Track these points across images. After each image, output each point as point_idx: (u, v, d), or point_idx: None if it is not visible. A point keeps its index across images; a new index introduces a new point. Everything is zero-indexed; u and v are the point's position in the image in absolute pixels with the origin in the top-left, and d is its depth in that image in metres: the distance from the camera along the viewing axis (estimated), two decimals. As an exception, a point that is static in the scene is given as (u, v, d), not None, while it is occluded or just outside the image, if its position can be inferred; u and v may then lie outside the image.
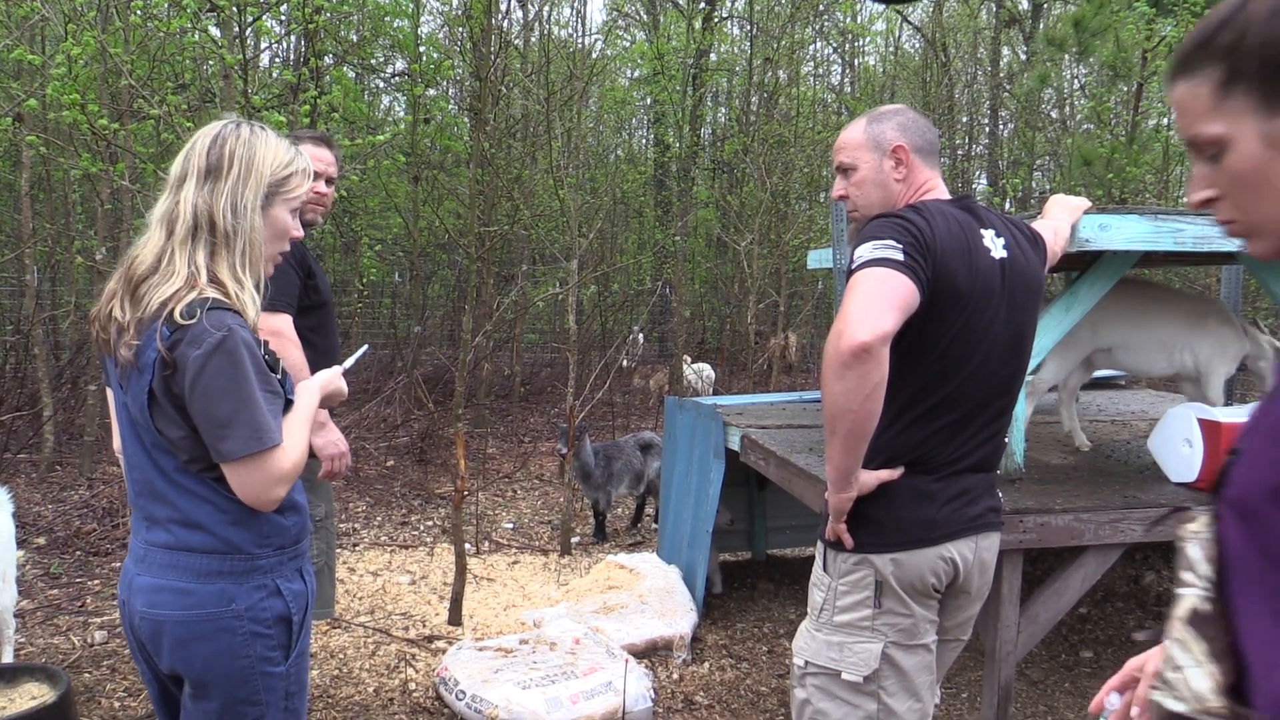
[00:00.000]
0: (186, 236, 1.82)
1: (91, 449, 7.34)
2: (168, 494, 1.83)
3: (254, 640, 1.85)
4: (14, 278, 9.84)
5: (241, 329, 1.77)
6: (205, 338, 1.72)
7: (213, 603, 1.82)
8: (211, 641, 1.82)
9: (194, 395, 1.74)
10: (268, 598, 1.87)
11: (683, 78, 13.75)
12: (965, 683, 4.19)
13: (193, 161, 1.86)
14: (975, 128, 17.67)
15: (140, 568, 1.87)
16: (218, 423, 1.74)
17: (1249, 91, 1.01)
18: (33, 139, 6.86)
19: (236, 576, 1.84)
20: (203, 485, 1.82)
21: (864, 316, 1.83)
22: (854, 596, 2.11)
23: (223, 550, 1.83)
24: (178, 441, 1.79)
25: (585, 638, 4.07)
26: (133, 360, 1.78)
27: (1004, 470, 3.52)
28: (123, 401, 1.86)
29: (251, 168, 1.86)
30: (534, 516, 7.02)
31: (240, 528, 1.84)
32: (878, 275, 1.89)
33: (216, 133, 1.88)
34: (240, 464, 1.77)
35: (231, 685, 1.86)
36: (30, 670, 3.62)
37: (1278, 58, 0.98)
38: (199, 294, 1.77)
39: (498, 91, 9.20)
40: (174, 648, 1.83)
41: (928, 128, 2.20)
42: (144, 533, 1.88)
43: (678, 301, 11.62)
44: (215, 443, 1.76)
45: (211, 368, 1.72)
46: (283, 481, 1.82)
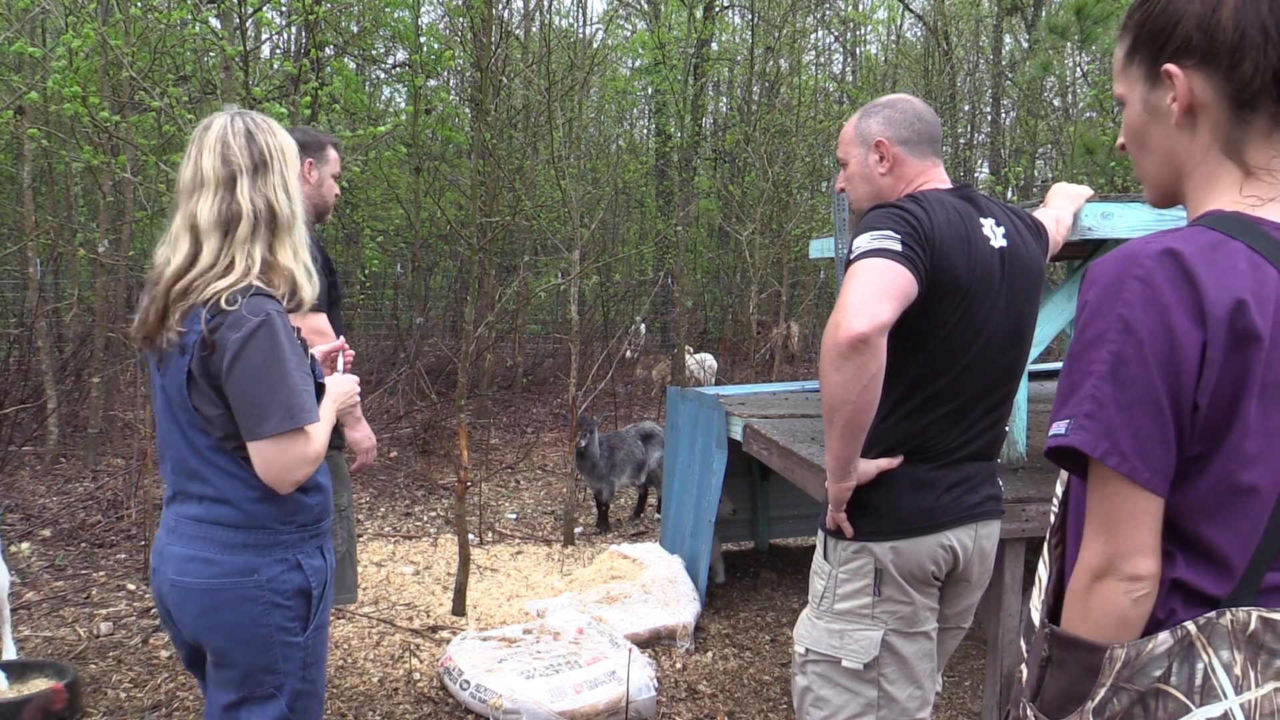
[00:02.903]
0: (249, 233, 1.91)
1: (95, 441, 7.36)
2: (200, 470, 1.94)
3: (274, 610, 1.96)
4: (17, 271, 9.86)
5: (280, 315, 1.88)
6: (245, 322, 1.83)
7: (236, 572, 1.93)
8: (234, 610, 1.93)
9: (232, 375, 1.84)
10: (289, 571, 1.98)
11: (684, 67, 13.72)
12: (967, 671, 4.20)
13: (237, 161, 1.92)
14: (977, 116, 17.62)
15: (171, 538, 1.98)
16: (253, 401, 1.84)
17: (1141, 63, 1.22)
18: (34, 132, 6.85)
19: (260, 549, 1.95)
20: (233, 463, 1.93)
21: (861, 307, 1.83)
22: (854, 584, 2.12)
23: (248, 524, 1.94)
24: (213, 419, 1.90)
25: (589, 627, 4.09)
26: (175, 344, 1.89)
27: (1006, 459, 3.53)
28: (160, 384, 1.97)
29: (286, 154, 1.98)
30: (537, 507, 7.03)
31: (266, 504, 1.95)
32: (875, 266, 1.89)
33: (243, 128, 1.94)
34: (271, 442, 1.86)
35: (252, 653, 1.96)
36: (39, 666, 3.65)
37: (1160, 39, 1.18)
38: (245, 283, 1.88)
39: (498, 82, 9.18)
40: (198, 615, 1.94)
41: (918, 118, 2.19)
42: (176, 506, 2.00)
43: (679, 291, 11.62)
44: (249, 422, 1.86)
45: (250, 349, 1.83)
46: (306, 464, 1.92)
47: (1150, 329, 1.08)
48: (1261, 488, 1.10)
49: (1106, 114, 11.46)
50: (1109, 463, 1.10)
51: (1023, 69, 15.23)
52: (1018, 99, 16.05)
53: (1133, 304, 1.09)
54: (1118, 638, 1.13)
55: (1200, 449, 1.10)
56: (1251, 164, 1.16)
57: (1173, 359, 1.07)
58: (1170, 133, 1.20)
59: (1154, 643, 1.10)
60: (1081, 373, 1.13)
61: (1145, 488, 1.10)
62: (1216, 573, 1.13)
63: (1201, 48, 1.15)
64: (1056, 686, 1.18)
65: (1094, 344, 1.12)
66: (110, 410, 8.04)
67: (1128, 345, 1.09)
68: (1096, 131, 10.32)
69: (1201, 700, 1.08)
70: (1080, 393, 1.12)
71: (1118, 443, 1.09)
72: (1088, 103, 13.63)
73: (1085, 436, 1.11)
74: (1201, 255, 1.09)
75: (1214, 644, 1.09)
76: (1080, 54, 13.28)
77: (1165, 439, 1.09)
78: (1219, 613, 1.10)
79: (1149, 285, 1.09)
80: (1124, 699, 1.11)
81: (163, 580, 1.99)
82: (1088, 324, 1.13)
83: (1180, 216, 3.17)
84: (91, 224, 9.32)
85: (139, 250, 10.40)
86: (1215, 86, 1.15)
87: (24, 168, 7.69)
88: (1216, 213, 1.16)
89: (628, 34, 16.53)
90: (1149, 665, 1.10)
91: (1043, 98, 15.45)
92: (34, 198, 7.98)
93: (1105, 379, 1.10)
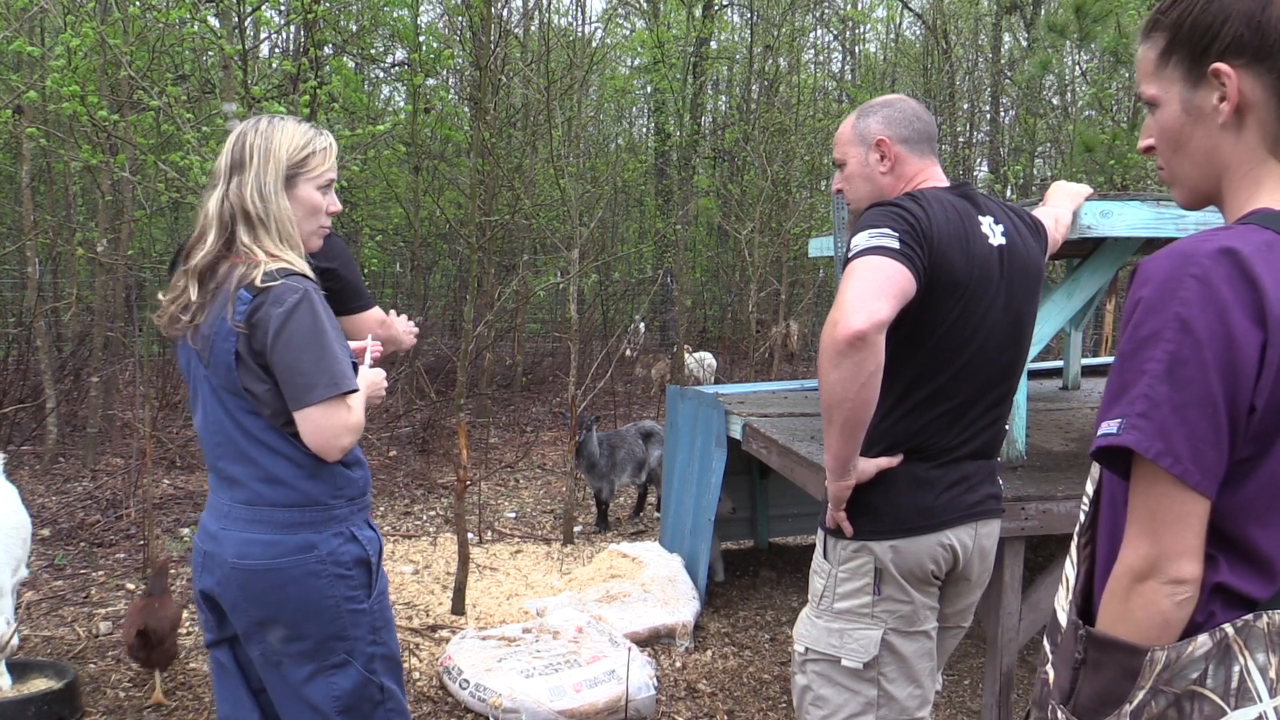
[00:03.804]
0: (228, 223, 2.01)
1: (94, 441, 7.35)
2: (250, 452, 2.01)
3: (338, 582, 2.05)
4: (16, 270, 9.85)
5: (316, 291, 1.99)
6: (287, 296, 1.93)
7: (297, 550, 2.02)
8: (300, 585, 2.02)
9: (277, 348, 1.93)
10: (345, 543, 2.07)
11: (683, 66, 13.71)
12: (967, 669, 4.20)
13: (222, 160, 2.05)
14: (976, 115, 17.62)
15: (225, 523, 2.05)
16: (299, 371, 1.94)
17: (1180, 63, 1.19)
18: (33, 131, 6.84)
19: (316, 526, 2.04)
20: (284, 442, 2.01)
21: (859, 304, 1.83)
22: (854, 583, 2.12)
23: (302, 503, 2.03)
24: (261, 395, 1.98)
25: (588, 626, 4.09)
26: (212, 330, 1.97)
27: (1006, 457, 3.53)
28: (203, 374, 2.03)
29: (269, 155, 2.02)
30: (536, 506, 7.03)
31: (316, 481, 2.04)
32: (873, 264, 1.89)
33: (240, 130, 2.06)
34: (318, 408, 1.95)
35: (321, 623, 2.04)
36: (39, 666, 3.65)
37: (1203, 40, 1.15)
38: (275, 265, 1.98)
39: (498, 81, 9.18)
40: (265, 593, 2.02)
41: (916, 117, 2.19)
42: (226, 492, 2.07)
43: (679, 290, 11.62)
44: (297, 391, 1.95)
45: (293, 323, 1.92)
46: (351, 431, 2.02)
47: (1209, 329, 1.05)
48: None
49: (1105, 112, 11.46)
50: (1162, 464, 1.07)
51: (1022, 67, 15.23)
52: (1017, 97, 16.05)
53: (1190, 303, 1.06)
54: (1158, 640, 1.11)
55: (1251, 451, 1.08)
56: None
57: (1231, 360, 1.05)
58: (1214, 133, 1.18)
59: (1194, 645, 1.09)
60: (1135, 371, 1.10)
61: (1196, 490, 1.07)
62: (1260, 576, 1.11)
63: (1252, 46, 1.12)
64: (1092, 689, 1.16)
65: (1149, 342, 1.09)
66: (109, 410, 8.03)
67: (1185, 345, 1.06)
68: (1095, 130, 10.32)
69: (1237, 703, 1.07)
70: (1133, 391, 1.10)
71: (1172, 444, 1.07)
72: (1087, 101, 13.63)
73: (1139, 436, 1.08)
74: (1258, 254, 1.06)
75: (1250, 646, 1.08)
76: (1079, 52, 13.28)
77: (1219, 441, 1.07)
78: (1256, 615, 1.09)
79: (1206, 284, 1.06)
80: (1161, 701, 1.09)
81: (218, 566, 2.04)
82: (1142, 321, 1.10)
83: (1180, 215, 3.17)
84: (90, 223, 9.31)
85: (138, 249, 10.40)
86: (1266, 85, 1.13)
87: (23, 167, 7.68)
88: (1265, 211, 1.13)
89: (627, 33, 16.52)
90: (1187, 668, 1.08)
91: (1042, 96, 15.45)
92: (33, 197, 7.98)
93: (1161, 379, 1.07)
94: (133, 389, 9.11)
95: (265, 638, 2.07)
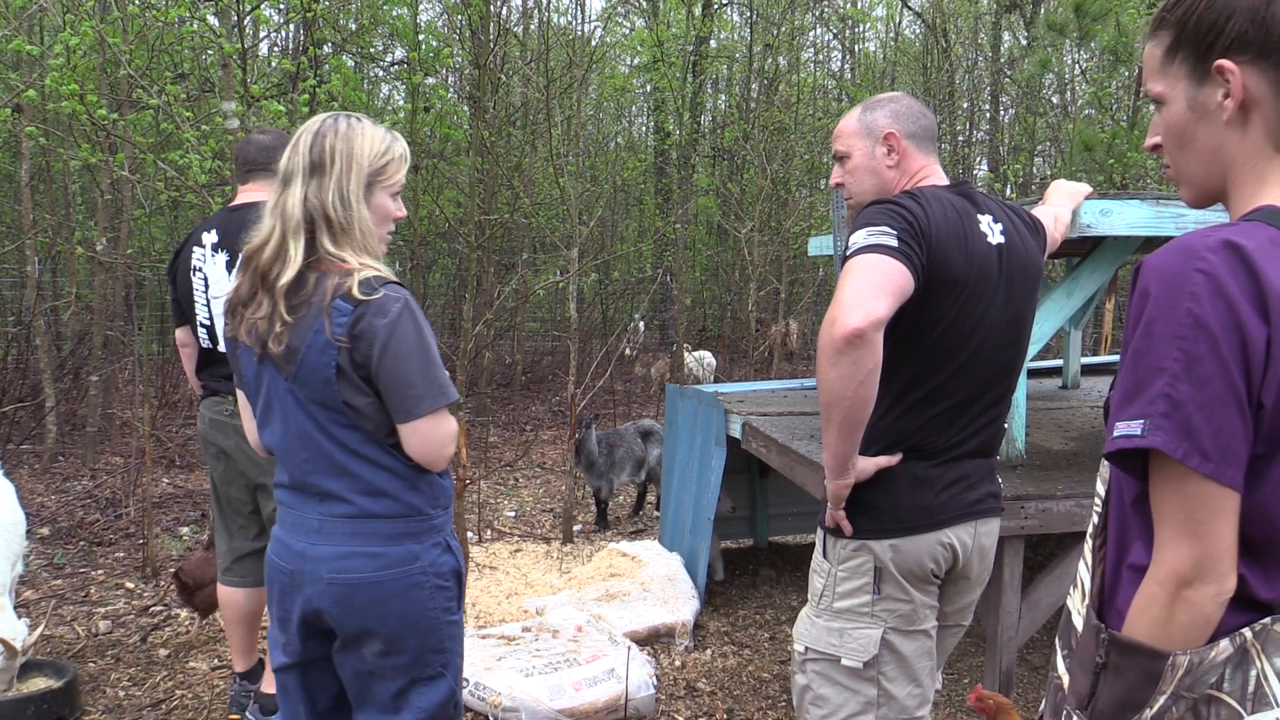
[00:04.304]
0: (298, 228, 1.93)
1: (94, 440, 7.35)
2: (350, 466, 1.96)
3: (438, 593, 2.03)
4: (15, 269, 9.84)
5: (412, 298, 1.96)
6: (390, 306, 1.90)
7: (402, 562, 1.98)
8: (404, 598, 1.98)
9: (385, 360, 1.89)
10: (443, 554, 2.06)
11: (683, 65, 13.71)
12: (967, 668, 4.21)
13: (297, 160, 1.96)
14: (976, 113, 17.62)
15: (316, 539, 1.99)
16: (409, 382, 1.91)
17: (1185, 60, 1.19)
18: (32, 130, 6.84)
19: (418, 536, 2.01)
20: (384, 454, 1.97)
21: (857, 302, 1.82)
22: (853, 583, 2.11)
23: (406, 514, 2.00)
24: (363, 409, 1.93)
25: (588, 625, 4.09)
26: (300, 344, 1.90)
27: (1005, 456, 3.53)
28: (284, 387, 1.96)
29: (351, 160, 1.96)
30: (536, 505, 7.03)
31: (417, 492, 2.01)
32: (871, 261, 1.88)
33: (317, 128, 1.97)
34: (427, 420, 1.94)
35: (421, 636, 2.02)
36: (39, 665, 3.65)
37: (1207, 36, 1.15)
38: (370, 273, 1.92)
39: (497, 79, 9.17)
40: (368, 607, 1.97)
41: (922, 114, 2.20)
42: (315, 506, 2.00)
43: (678, 289, 11.62)
44: (405, 403, 1.92)
45: (400, 333, 1.89)
46: (452, 439, 2.01)
47: (1221, 323, 1.04)
48: None
49: (1105, 111, 11.46)
50: (1190, 463, 1.05)
51: (1021, 66, 15.23)
52: (1016, 96, 16.05)
53: (1201, 298, 1.05)
54: (1197, 644, 1.08)
55: (1263, 449, 1.07)
56: None
57: (1244, 353, 1.04)
58: (1219, 130, 1.17)
59: (1216, 650, 1.07)
60: (1151, 369, 1.08)
61: (1229, 486, 1.05)
62: (1271, 575, 1.10)
63: (1257, 42, 1.12)
64: (1112, 694, 1.13)
65: (1164, 340, 1.07)
66: (109, 409, 8.03)
67: (1200, 341, 1.05)
68: (1095, 128, 10.32)
69: (1254, 708, 1.06)
70: (1152, 390, 1.07)
71: (1199, 442, 1.05)
72: (1086, 100, 13.63)
73: (1165, 438, 1.06)
74: (1262, 250, 1.06)
75: (1268, 651, 1.07)
76: (1079, 51, 13.27)
77: (1246, 435, 1.05)
78: (1274, 619, 1.08)
79: (1214, 278, 1.05)
80: (1181, 707, 1.08)
81: (309, 583, 1.98)
82: (1155, 318, 1.08)
83: (1179, 214, 3.17)
84: (90, 222, 9.31)
85: (137, 248, 10.40)
86: (1271, 81, 1.13)
87: (22, 166, 7.68)
88: (1270, 208, 1.13)
89: (626, 31, 16.51)
90: (1209, 673, 1.07)
91: (1041, 95, 15.45)
92: (32, 196, 7.98)
93: (1180, 377, 1.05)
94: (132, 388, 9.12)
95: (361, 651, 2.02)
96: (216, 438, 3.28)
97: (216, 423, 3.27)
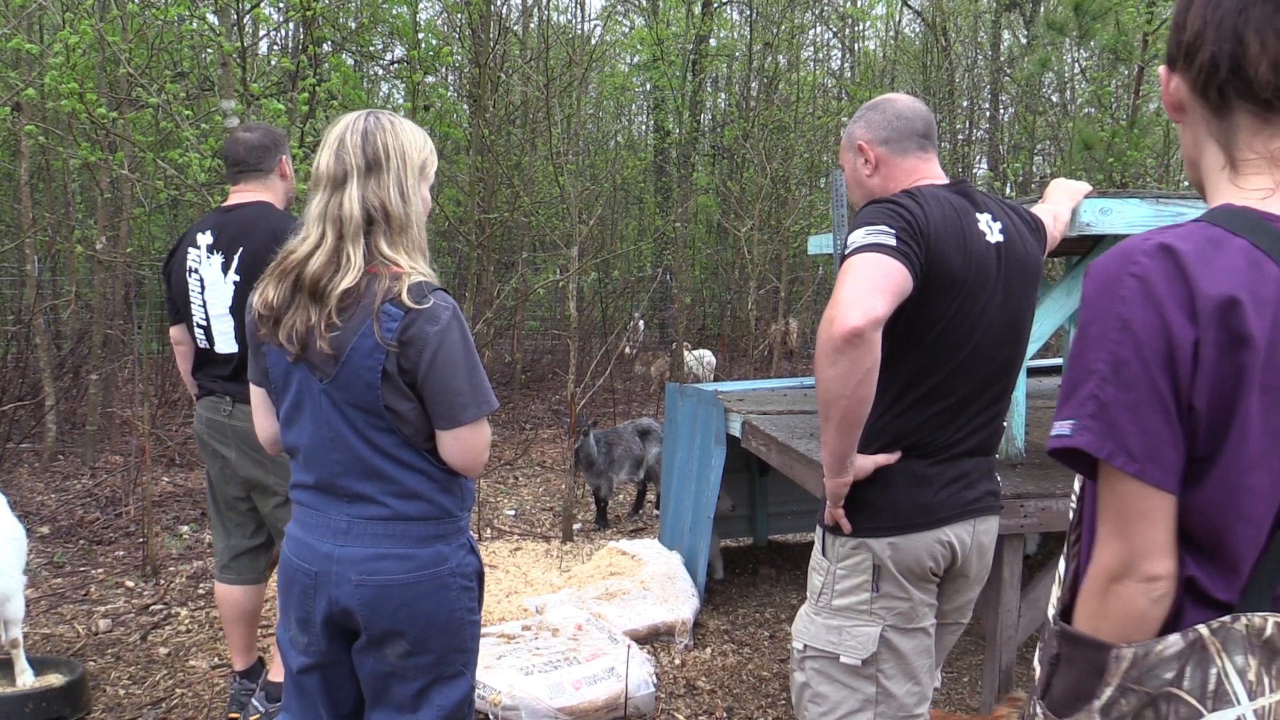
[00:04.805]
0: (358, 232, 1.92)
1: (94, 438, 7.35)
2: (384, 469, 1.97)
3: (463, 594, 2.06)
4: (15, 267, 9.85)
5: (458, 307, 1.98)
6: (441, 314, 1.92)
7: (432, 564, 2.00)
8: (433, 599, 2.00)
9: (434, 367, 1.91)
10: (468, 555, 2.08)
11: (682, 63, 13.71)
12: (966, 666, 4.21)
13: (350, 160, 1.94)
14: (976, 112, 17.62)
15: (343, 540, 1.99)
16: (456, 390, 1.93)
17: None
18: (32, 128, 6.84)
19: (446, 538, 2.03)
20: (419, 457, 1.99)
21: (855, 301, 1.83)
22: (852, 580, 2.12)
23: (437, 516, 2.02)
24: (405, 414, 1.94)
25: (587, 624, 4.09)
26: (344, 346, 1.90)
27: (1005, 455, 3.53)
28: (319, 388, 1.96)
29: (405, 155, 1.98)
30: (535, 503, 7.03)
31: (449, 494, 2.04)
32: (869, 261, 1.88)
33: (363, 129, 1.97)
34: (469, 428, 1.96)
35: (447, 636, 2.04)
36: (55, 663, 3.67)
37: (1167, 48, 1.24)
38: (418, 279, 1.93)
39: (497, 78, 9.18)
40: (398, 608, 1.98)
41: (897, 116, 2.19)
42: (343, 508, 2.01)
43: (678, 288, 11.63)
44: (450, 410, 1.94)
45: (449, 341, 1.92)
46: (488, 446, 2.06)
47: (1147, 327, 1.07)
48: (1264, 491, 1.09)
49: (1105, 110, 11.46)
50: (1115, 463, 1.09)
51: (1021, 65, 15.23)
52: (1016, 95, 16.04)
53: (1130, 301, 1.08)
54: (1137, 638, 1.12)
55: (1205, 451, 1.09)
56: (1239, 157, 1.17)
57: (1170, 356, 1.07)
58: (1183, 130, 1.25)
59: (1164, 644, 1.09)
60: (1083, 372, 1.12)
61: (1156, 487, 1.09)
62: (1223, 575, 1.12)
63: (1172, 49, 1.21)
64: (1064, 684, 1.18)
65: (1095, 343, 1.11)
66: (108, 407, 8.03)
67: (1126, 344, 1.08)
68: (1095, 127, 10.32)
69: (1214, 705, 1.07)
70: (1082, 392, 1.12)
71: (1124, 443, 1.08)
72: (1086, 98, 13.63)
73: (1091, 438, 1.10)
74: (1199, 253, 1.08)
75: (1228, 649, 1.08)
76: (1079, 50, 13.27)
77: (1174, 437, 1.08)
78: (1234, 617, 1.09)
79: (1144, 282, 1.08)
80: (1132, 700, 1.10)
81: (336, 584, 1.97)
82: (1087, 321, 1.12)
83: (1179, 212, 3.17)
84: (89, 220, 9.31)
85: (137, 247, 10.40)
86: (1188, 82, 1.19)
87: (21, 164, 7.68)
88: (1226, 208, 1.15)
89: (626, 30, 16.51)
90: (1158, 667, 1.09)
91: (1041, 93, 15.44)
92: (31, 194, 7.98)
93: (1107, 380, 1.09)
94: (132, 386, 9.12)
95: (384, 651, 2.02)
96: (213, 437, 3.28)
97: (213, 422, 3.27)
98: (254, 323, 2.03)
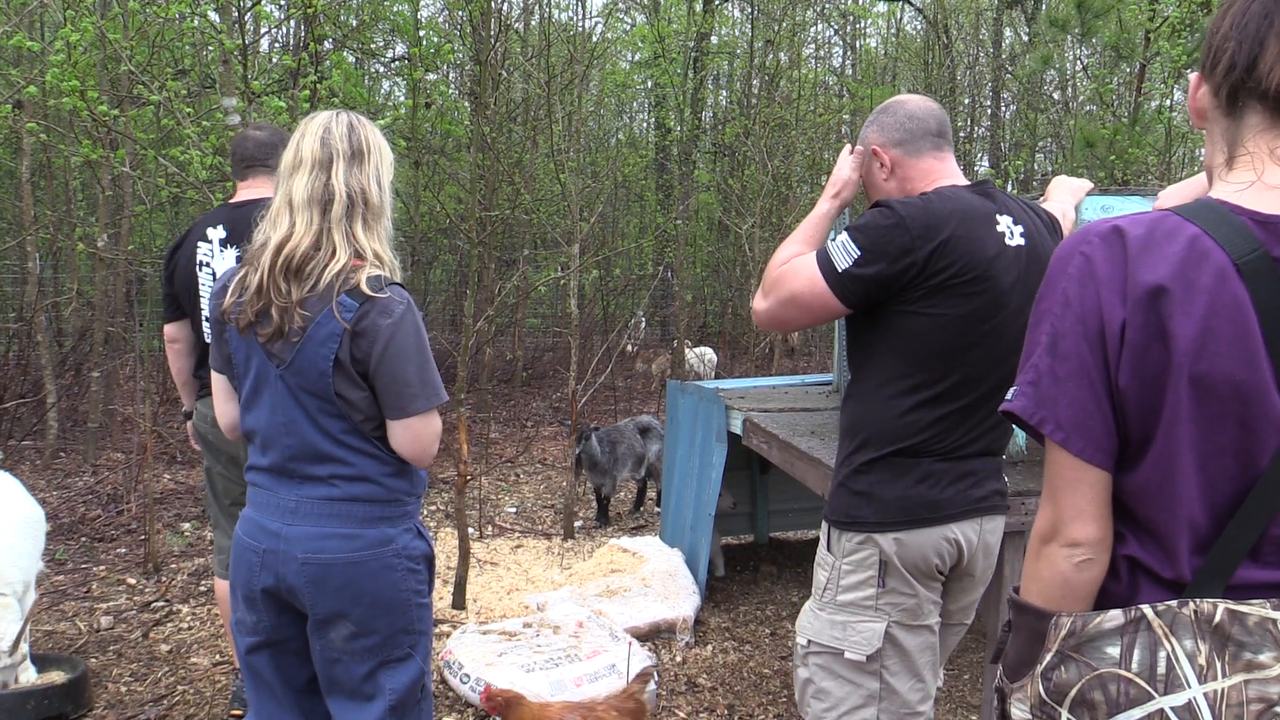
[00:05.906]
0: (343, 214, 2.00)
1: (95, 436, 7.36)
2: (333, 453, 2.02)
3: (409, 576, 2.09)
4: (16, 265, 9.84)
5: (412, 300, 2.04)
6: (395, 307, 1.97)
7: (376, 544, 2.05)
8: (377, 578, 2.04)
9: (385, 358, 1.96)
10: (415, 539, 2.12)
11: (684, 61, 13.70)
12: (967, 664, 4.21)
13: (335, 146, 2.02)
14: (977, 109, 17.59)
15: (291, 518, 2.04)
16: (405, 382, 1.99)
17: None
18: (33, 126, 6.84)
19: (393, 520, 2.08)
20: (369, 443, 2.04)
21: (778, 309, 2.11)
22: (858, 576, 2.12)
23: (385, 498, 2.07)
24: (356, 402, 2.00)
25: (588, 621, 4.09)
26: (301, 331, 1.95)
27: (1006, 453, 3.52)
28: (275, 373, 2.01)
29: (383, 151, 2.10)
30: (537, 501, 7.04)
31: (399, 478, 2.09)
32: (811, 279, 2.04)
33: (346, 121, 2.05)
34: (419, 418, 2.02)
35: (393, 616, 2.07)
36: (57, 660, 3.67)
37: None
38: (376, 271, 2.00)
39: (498, 76, 9.17)
40: (341, 587, 2.02)
41: (909, 117, 2.18)
42: (293, 489, 2.05)
43: (679, 285, 11.62)
44: (400, 401, 2.00)
45: (401, 334, 1.97)
46: (438, 438, 2.11)
47: (1083, 304, 1.13)
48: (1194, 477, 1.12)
49: (1106, 108, 11.45)
50: (1044, 430, 1.16)
51: (1023, 62, 15.20)
52: (1018, 92, 16.01)
53: (1074, 278, 1.14)
54: (1064, 603, 1.17)
55: (1139, 435, 1.14)
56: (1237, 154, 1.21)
57: (1101, 335, 1.12)
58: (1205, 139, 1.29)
59: (1103, 618, 1.13)
60: (1032, 342, 1.20)
61: (1079, 457, 1.14)
62: (1164, 555, 1.16)
63: (1204, 55, 1.24)
64: (1014, 650, 1.23)
65: (1043, 315, 1.18)
66: (110, 405, 8.04)
67: (1066, 319, 1.15)
68: (1096, 125, 10.30)
69: (1165, 689, 1.09)
70: (1028, 361, 1.19)
71: (1054, 412, 1.15)
72: (1088, 96, 13.61)
73: (1025, 403, 1.18)
74: (1146, 238, 1.12)
75: (1177, 633, 1.10)
76: (1080, 47, 13.25)
77: (1101, 412, 1.14)
78: (1181, 602, 1.11)
79: (1089, 261, 1.14)
80: (1072, 669, 1.13)
81: (283, 562, 2.02)
82: (1042, 295, 1.19)
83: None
84: (90, 218, 9.30)
85: (138, 244, 10.40)
86: (1211, 86, 1.23)
87: (23, 162, 7.68)
88: (1204, 200, 1.19)
89: (627, 27, 16.49)
90: (1098, 639, 1.13)
91: (1043, 91, 15.42)
92: (33, 192, 7.98)
93: (1047, 351, 1.16)
94: (133, 384, 9.12)
95: (329, 636, 2.05)
96: (216, 435, 3.28)
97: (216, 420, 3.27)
98: (217, 308, 2.07)
